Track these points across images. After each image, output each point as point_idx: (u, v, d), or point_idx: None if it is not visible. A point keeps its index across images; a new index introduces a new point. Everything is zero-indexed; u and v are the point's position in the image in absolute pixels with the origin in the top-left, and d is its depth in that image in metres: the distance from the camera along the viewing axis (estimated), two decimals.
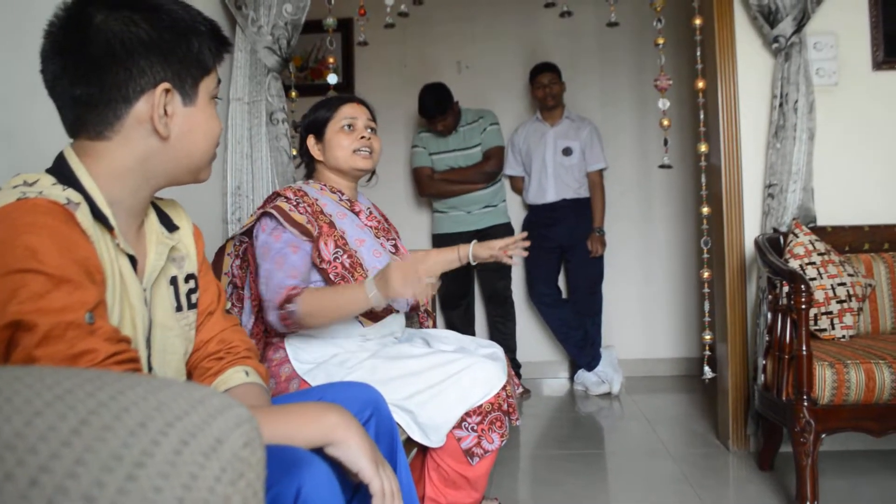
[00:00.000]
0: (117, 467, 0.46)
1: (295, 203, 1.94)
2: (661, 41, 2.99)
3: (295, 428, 1.02)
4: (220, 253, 2.16)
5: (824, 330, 2.57)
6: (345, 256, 1.94)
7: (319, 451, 1.03)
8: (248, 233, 2.00)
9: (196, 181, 1.20)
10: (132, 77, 1.05)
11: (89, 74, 1.04)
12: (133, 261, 1.09)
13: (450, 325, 4.14)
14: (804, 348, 2.23)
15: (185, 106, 1.11)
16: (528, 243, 2.11)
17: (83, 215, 0.99)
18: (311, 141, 2.11)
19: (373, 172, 2.19)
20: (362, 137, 2.08)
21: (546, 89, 4.26)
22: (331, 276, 1.90)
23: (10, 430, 0.46)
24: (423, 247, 4.40)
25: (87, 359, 0.90)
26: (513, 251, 2.11)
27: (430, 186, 4.23)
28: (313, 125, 2.11)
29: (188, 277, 1.26)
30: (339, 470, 1.04)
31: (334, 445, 1.04)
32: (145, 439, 0.48)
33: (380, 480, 1.06)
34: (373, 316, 1.97)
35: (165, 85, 1.07)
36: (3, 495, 0.42)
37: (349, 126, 2.08)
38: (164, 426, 0.50)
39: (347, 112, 2.10)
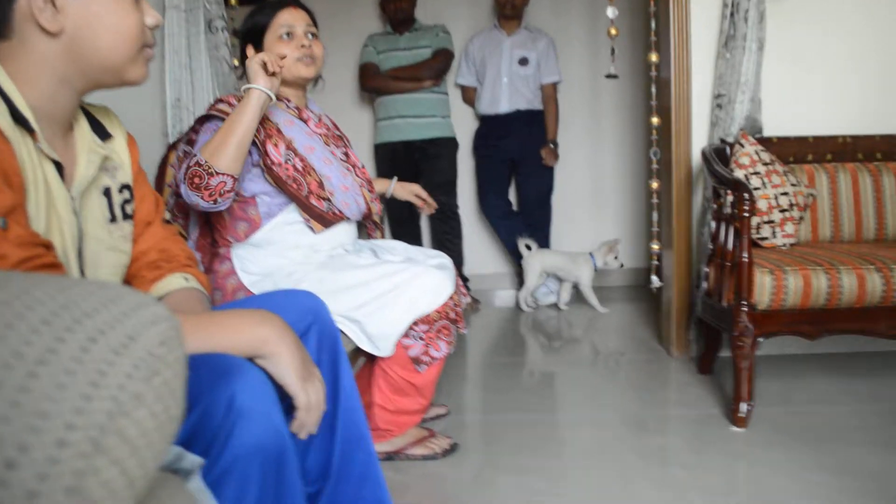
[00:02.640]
0: (17, 365, 0.44)
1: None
2: None
3: (222, 340, 1.00)
4: (164, 164, 2.10)
5: (766, 238, 2.63)
6: (296, 159, 1.89)
7: None
8: (190, 142, 1.93)
9: (124, 83, 1.10)
10: None
11: None
12: (59, 168, 1.04)
13: (397, 238, 4.14)
14: (745, 255, 2.28)
15: None
16: (432, 209, 2.38)
17: (1, 116, 0.94)
18: (250, 51, 2.02)
19: (318, 77, 2.12)
20: (303, 46, 1.99)
21: None
22: (283, 178, 1.86)
23: None
24: (363, 158, 4.35)
25: None
26: (424, 208, 2.36)
27: (373, 79, 4.20)
28: (251, 34, 2.02)
29: (122, 188, 1.20)
30: None
31: (263, 358, 1.03)
32: (49, 337, 0.47)
33: (305, 395, 1.05)
34: (323, 221, 1.94)
35: None
36: None
37: (288, 34, 1.98)
38: (72, 322, 0.48)
39: (285, 19, 1.99)
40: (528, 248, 4.04)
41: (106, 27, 1.03)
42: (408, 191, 2.35)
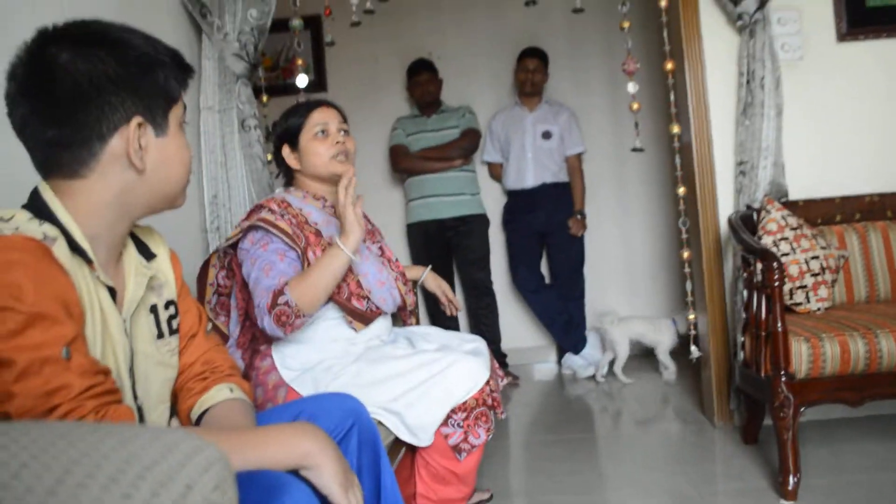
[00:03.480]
0: None
1: (280, 214, 1.95)
2: (626, 25, 3.01)
3: (269, 455, 1.04)
4: (206, 265, 2.17)
5: (800, 304, 2.62)
6: None
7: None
8: (233, 244, 2.01)
9: (172, 207, 1.22)
10: (104, 114, 1.06)
11: (61, 115, 1.04)
12: (112, 292, 1.11)
13: (433, 320, 4.17)
14: (779, 325, 2.28)
15: (158, 137, 1.12)
16: (455, 311, 2.41)
17: (60, 250, 1.01)
18: (286, 150, 2.12)
19: None
20: (337, 143, 2.08)
21: (529, 74, 4.31)
22: None
23: None
24: (395, 238, 4.45)
25: (60, 394, 0.92)
26: (447, 306, 2.39)
27: (404, 161, 4.29)
28: (286, 134, 2.12)
29: (168, 304, 1.28)
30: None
31: (307, 470, 1.07)
32: (117, 494, 0.51)
33: (348, 502, 1.09)
34: (364, 319, 2.01)
35: (138, 119, 1.08)
36: None
37: (322, 132, 2.08)
38: (135, 478, 0.53)
39: (318, 118, 2.09)
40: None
41: (178, 161, 1.17)
42: (436, 285, 2.39)
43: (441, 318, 4.18)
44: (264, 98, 3.16)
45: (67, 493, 0.50)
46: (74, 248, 1.04)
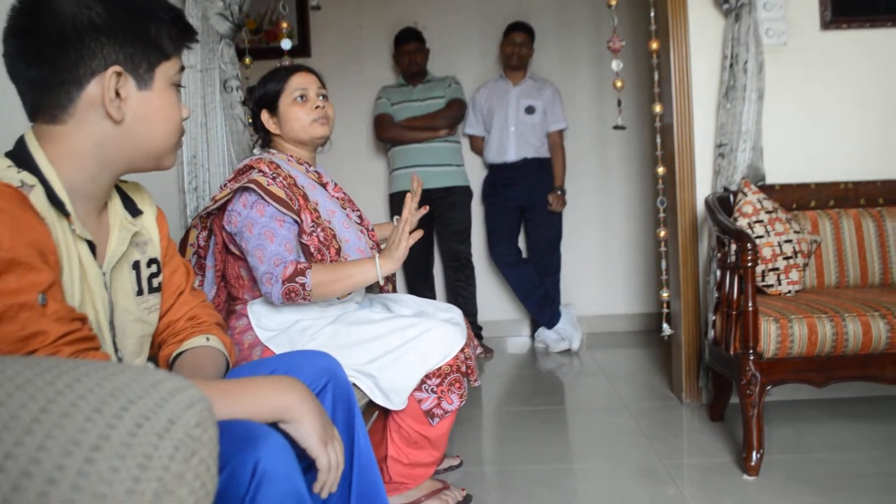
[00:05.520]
0: (76, 451, 0.49)
1: (272, 177, 1.94)
2: (613, 2, 3.01)
3: (248, 406, 1.05)
4: (189, 229, 2.16)
5: (771, 286, 2.67)
6: (319, 230, 1.96)
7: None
8: (220, 206, 2.00)
9: (158, 168, 1.19)
10: (82, 59, 1.05)
11: (41, 56, 1.04)
12: (91, 246, 1.11)
13: (411, 290, 4.19)
14: (750, 304, 2.32)
15: (140, 90, 1.11)
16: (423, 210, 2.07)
17: (37, 198, 1.01)
18: (264, 115, 2.11)
19: (326, 139, 2.20)
20: (317, 107, 2.08)
21: (516, 48, 4.30)
22: (311, 249, 1.93)
23: None
24: (377, 208, 4.46)
25: (37, 340, 0.93)
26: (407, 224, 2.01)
27: (388, 130, 4.26)
28: (264, 99, 2.11)
29: (150, 262, 1.28)
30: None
31: (286, 423, 1.08)
32: (101, 424, 0.52)
33: (326, 457, 1.10)
34: None
35: (116, 68, 1.07)
36: None
37: (302, 97, 2.08)
38: (119, 410, 0.54)
39: (298, 82, 2.09)
40: None
41: (162, 118, 1.14)
42: (388, 226, 2.40)
43: (419, 289, 4.21)
44: (247, 60, 3.13)
45: (52, 421, 0.51)
46: (53, 198, 1.04)
